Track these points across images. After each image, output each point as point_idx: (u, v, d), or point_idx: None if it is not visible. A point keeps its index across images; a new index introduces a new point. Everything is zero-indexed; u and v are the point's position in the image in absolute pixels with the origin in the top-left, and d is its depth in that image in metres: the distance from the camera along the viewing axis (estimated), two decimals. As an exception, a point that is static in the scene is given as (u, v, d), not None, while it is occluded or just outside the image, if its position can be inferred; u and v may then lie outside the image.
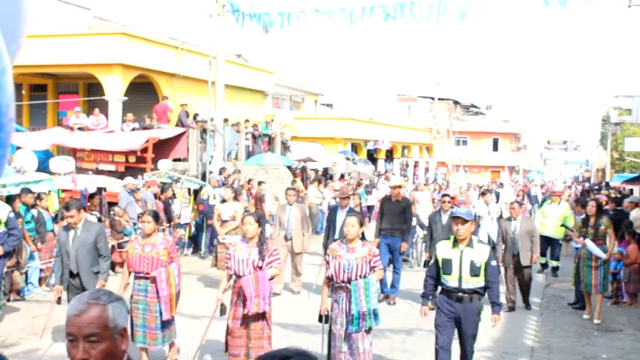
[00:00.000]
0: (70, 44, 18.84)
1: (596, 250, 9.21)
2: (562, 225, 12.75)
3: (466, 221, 5.80)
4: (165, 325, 6.64)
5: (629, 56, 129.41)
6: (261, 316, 6.16)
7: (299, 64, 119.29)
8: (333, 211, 10.67)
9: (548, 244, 13.32)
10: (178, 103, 19.33)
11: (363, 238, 6.07)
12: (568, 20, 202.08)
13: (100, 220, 12.53)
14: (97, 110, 18.64)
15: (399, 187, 10.66)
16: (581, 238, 9.48)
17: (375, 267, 5.96)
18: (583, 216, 9.91)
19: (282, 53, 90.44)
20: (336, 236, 9.74)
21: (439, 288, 6.18)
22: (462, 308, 5.86)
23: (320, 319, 6.22)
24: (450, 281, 5.88)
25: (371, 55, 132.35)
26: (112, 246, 12.47)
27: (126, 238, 12.70)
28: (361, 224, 6.03)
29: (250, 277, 6.07)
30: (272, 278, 6.25)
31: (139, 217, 13.31)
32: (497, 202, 15.90)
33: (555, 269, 13.45)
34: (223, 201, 11.52)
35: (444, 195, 11.12)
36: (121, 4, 71.43)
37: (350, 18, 13.94)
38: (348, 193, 10.83)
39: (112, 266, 12.53)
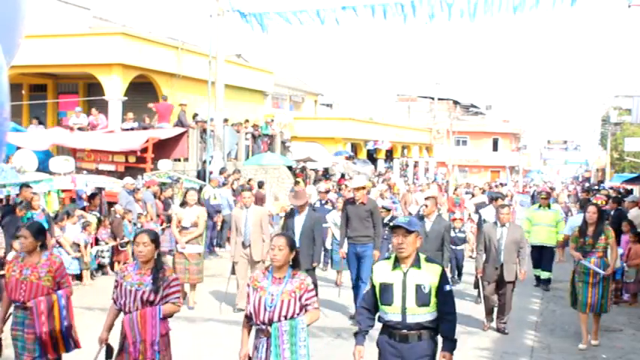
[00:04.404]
0: (70, 44, 18.87)
1: (594, 267, 7.89)
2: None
3: (409, 232, 4.40)
4: None
5: (629, 56, 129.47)
6: None
7: (299, 64, 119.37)
8: (289, 216, 9.47)
9: (540, 253, 12.05)
10: (178, 103, 19.35)
11: (294, 266, 4.70)
12: (568, 20, 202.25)
13: (99, 220, 12.54)
14: (94, 110, 18.69)
15: (363, 188, 9.22)
16: (577, 252, 8.07)
17: (307, 305, 4.58)
18: (579, 224, 8.38)
19: (282, 53, 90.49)
20: (296, 245, 9.16)
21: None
22: (408, 350, 4.40)
23: None
24: (391, 314, 4.41)
25: (371, 55, 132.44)
26: (113, 247, 12.49)
27: (126, 239, 12.72)
28: (292, 247, 4.68)
29: (135, 315, 4.77)
30: (169, 316, 4.93)
31: (138, 216, 13.44)
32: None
33: (547, 281, 12.07)
34: (184, 204, 9.95)
35: (427, 198, 9.65)
36: (121, 4, 71.44)
37: (355, 13, 13.95)
38: (305, 199, 9.40)
39: (112, 265, 12.55)
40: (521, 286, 9.91)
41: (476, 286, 9.59)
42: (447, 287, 4.45)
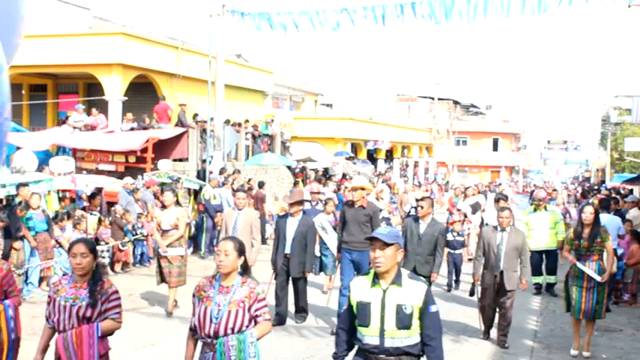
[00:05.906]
0: (70, 44, 18.89)
1: (590, 272, 7.49)
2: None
3: (387, 245, 3.87)
4: None
5: (629, 56, 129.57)
6: None
7: (299, 64, 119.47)
8: (282, 219, 9.02)
9: (542, 257, 11.57)
10: (178, 103, 19.36)
11: (244, 273, 4.26)
12: (568, 20, 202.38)
13: (100, 220, 12.55)
14: (94, 110, 18.71)
15: (362, 189, 8.59)
16: (572, 255, 7.67)
17: (257, 317, 4.16)
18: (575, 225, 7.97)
19: (282, 53, 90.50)
20: (287, 250, 8.60)
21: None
22: None
23: None
24: (368, 336, 3.90)
25: (371, 55, 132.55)
26: (113, 247, 12.50)
27: (126, 239, 12.73)
28: (241, 252, 4.23)
29: (70, 334, 4.27)
30: (109, 334, 4.43)
31: (138, 216, 13.45)
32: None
33: (552, 285, 11.68)
34: (163, 207, 9.75)
35: (421, 199, 8.94)
36: (121, 4, 71.51)
37: (352, 19, 13.91)
38: (297, 198, 8.93)
39: (112, 265, 12.57)
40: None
41: (471, 294, 8.95)
42: (433, 308, 3.93)
